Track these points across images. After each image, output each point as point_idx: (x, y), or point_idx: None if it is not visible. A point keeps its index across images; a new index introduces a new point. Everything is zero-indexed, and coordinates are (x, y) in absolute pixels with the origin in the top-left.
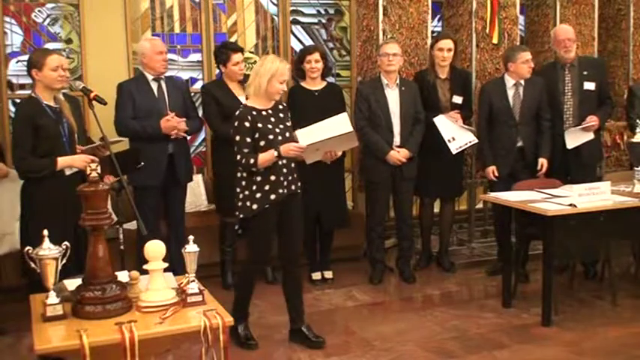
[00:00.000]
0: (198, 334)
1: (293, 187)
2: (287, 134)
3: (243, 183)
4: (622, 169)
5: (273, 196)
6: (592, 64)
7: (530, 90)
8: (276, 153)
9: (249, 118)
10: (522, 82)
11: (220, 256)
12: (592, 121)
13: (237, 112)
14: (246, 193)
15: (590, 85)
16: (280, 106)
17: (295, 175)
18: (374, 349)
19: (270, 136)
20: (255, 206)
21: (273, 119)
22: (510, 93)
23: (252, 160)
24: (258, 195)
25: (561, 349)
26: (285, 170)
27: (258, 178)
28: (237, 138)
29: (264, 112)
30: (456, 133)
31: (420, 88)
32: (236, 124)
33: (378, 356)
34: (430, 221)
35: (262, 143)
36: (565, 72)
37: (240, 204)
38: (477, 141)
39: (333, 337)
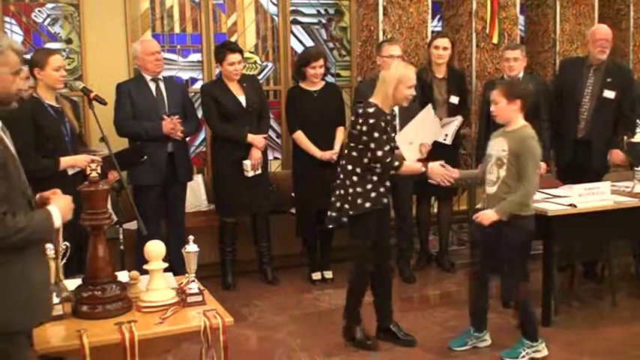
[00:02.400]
0: (198, 334)
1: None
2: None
3: (355, 179)
4: (622, 169)
5: (385, 200)
6: (618, 72)
7: None
8: (423, 169)
9: (383, 118)
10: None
11: (220, 256)
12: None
13: (372, 110)
14: (359, 190)
15: (609, 94)
16: (394, 113)
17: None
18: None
19: (393, 143)
20: (367, 204)
21: (390, 126)
22: None
23: (396, 163)
24: (373, 194)
25: (561, 349)
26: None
27: (375, 178)
28: (376, 135)
29: (388, 117)
30: (443, 131)
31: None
32: (372, 121)
33: (378, 356)
34: (428, 221)
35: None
36: (589, 73)
37: (350, 198)
38: (461, 118)
39: (333, 337)
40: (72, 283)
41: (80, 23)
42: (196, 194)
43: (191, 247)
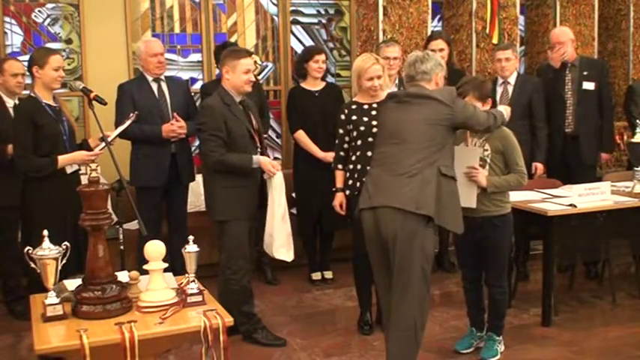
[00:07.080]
0: (198, 334)
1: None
2: None
3: None
4: (622, 169)
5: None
6: (592, 65)
7: (519, 89)
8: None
9: (347, 111)
10: (511, 80)
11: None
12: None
13: (342, 105)
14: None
15: (589, 85)
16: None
17: None
18: (374, 349)
19: (362, 128)
20: (347, 192)
21: (374, 112)
22: (499, 90)
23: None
24: (350, 182)
25: (561, 349)
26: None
27: (351, 167)
28: (340, 131)
29: (365, 106)
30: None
31: None
32: (338, 115)
33: (378, 356)
34: None
35: (354, 134)
36: (566, 72)
37: None
38: None
39: (333, 337)
40: (72, 283)
41: (80, 23)
42: (196, 194)
43: (191, 247)
